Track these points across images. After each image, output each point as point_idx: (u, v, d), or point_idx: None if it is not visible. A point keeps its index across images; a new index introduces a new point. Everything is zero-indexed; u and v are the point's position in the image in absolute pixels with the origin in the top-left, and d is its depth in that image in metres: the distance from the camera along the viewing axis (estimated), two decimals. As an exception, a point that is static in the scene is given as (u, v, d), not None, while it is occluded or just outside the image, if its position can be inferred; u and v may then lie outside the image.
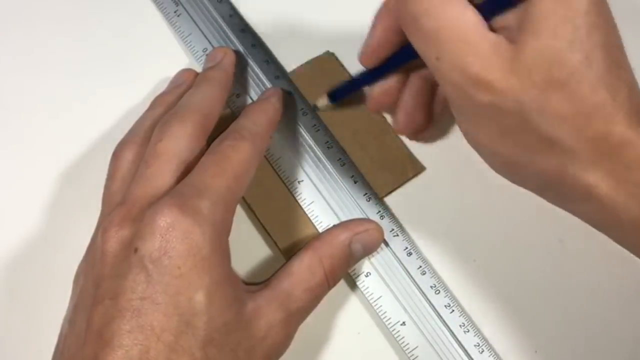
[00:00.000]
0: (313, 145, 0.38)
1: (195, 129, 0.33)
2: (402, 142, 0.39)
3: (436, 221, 0.38)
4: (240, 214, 0.38)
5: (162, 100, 0.38)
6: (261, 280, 0.34)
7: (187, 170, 0.33)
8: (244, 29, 0.41)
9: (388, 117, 0.40)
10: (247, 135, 0.34)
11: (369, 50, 0.35)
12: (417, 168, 0.39)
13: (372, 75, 0.36)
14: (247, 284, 0.34)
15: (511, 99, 0.28)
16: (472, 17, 0.29)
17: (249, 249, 0.38)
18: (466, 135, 0.32)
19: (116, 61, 0.42)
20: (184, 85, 0.39)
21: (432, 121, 0.37)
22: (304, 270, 0.34)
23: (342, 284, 0.36)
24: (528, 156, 0.29)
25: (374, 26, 0.34)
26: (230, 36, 0.41)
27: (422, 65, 0.31)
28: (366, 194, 0.37)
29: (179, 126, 0.33)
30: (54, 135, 0.40)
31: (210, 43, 0.41)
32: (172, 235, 0.29)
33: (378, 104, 0.37)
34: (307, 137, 0.39)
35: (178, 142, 0.33)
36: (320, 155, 0.38)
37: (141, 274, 0.29)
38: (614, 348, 0.36)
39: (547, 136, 0.28)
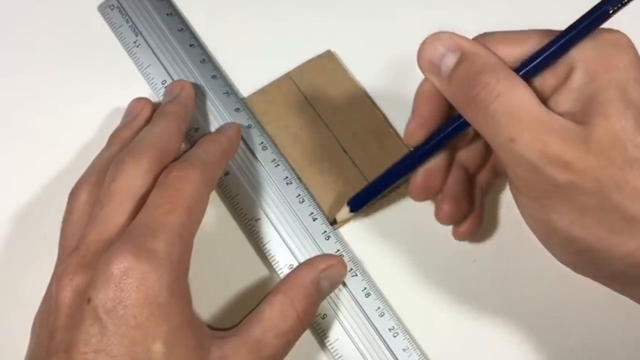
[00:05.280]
0: (272, 181, 0.38)
1: (151, 166, 0.32)
2: (402, 142, 0.39)
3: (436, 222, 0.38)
4: (235, 230, 0.38)
5: (118, 137, 0.37)
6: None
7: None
8: (204, 60, 0.40)
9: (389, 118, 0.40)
10: (197, 163, 0.33)
11: (414, 128, 0.33)
12: None
13: (392, 175, 0.35)
14: (214, 329, 0.33)
15: (590, 178, 0.28)
16: (537, 101, 0.29)
17: (243, 267, 0.37)
18: (536, 223, 0.31)
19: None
20: (139, 118, 0.38)
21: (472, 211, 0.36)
22: (275, 314, 0.32)
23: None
24: (608, 238, 0.28)
25: (417, 105, 0.33)
26: (191, 67, 0.40)
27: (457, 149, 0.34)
28: (325, 232, 0.37)
29: (134, 164, 0.32)
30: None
31: (169, 75, 0.40)
32: (127, 283, 0.28)
33: (423, 190, 0.35)
34: (266, 173, 0.38)
35: (132, 181, 0.32)
36: (279, 192, 0.37)
37: (95, 325, 0.28)
38: (614, 348, 0.36)
39: (629, 214, 0.28)
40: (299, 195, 0.37)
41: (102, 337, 0.28)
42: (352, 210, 0.36)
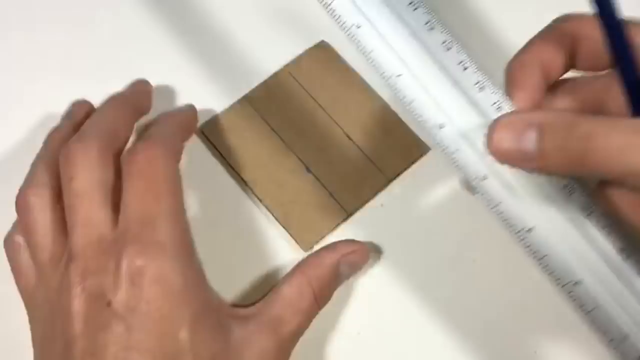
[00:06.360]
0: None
1: (101, 153, 0.32)
2: (405, 125, 0.40)
3: (441, 206, 0.39)
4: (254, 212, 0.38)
5: (54, 136, 0.36)
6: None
7: (114, 196, 0.32)
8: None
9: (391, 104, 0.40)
10: (158, 139, 0.33)
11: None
12: (421, 149, 0.39)
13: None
14: (236, 306, 0.34)
15: None
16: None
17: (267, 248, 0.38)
18: None
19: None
20: (77, 117, 0.37)
21: None
22: (293, 293, 0.33)
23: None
24: None
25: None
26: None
27: None
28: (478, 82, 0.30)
29: (84, 155, 0.32)
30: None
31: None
32: (144, 281, 0.29)
33: None
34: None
35: (92, 174, 0.32)
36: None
37: (120, 325, 0.29)
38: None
39: None
40: (461, 62, 0.31)
41: (130, 334, 0.29)
42: None
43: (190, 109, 0.39)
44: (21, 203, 0.33)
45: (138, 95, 0.38)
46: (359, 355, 0.36)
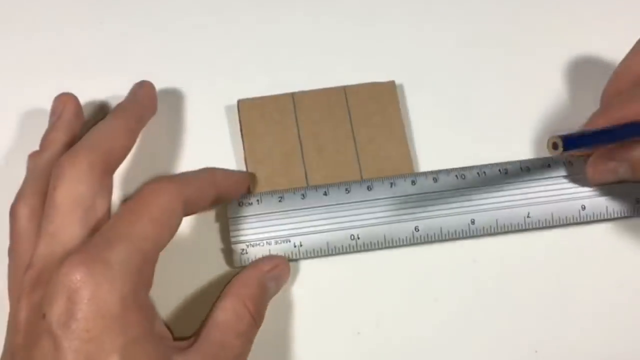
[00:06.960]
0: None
1: (91, 167, 0.31)
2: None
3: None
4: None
5: (47, 140, 0.35)
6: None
7: (96, 216, 0.31)
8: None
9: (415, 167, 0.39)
10: (176, 179, 0.32)
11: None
12: None
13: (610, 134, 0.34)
14: (177, 339, 0.33)
15: None
16: None
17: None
18: None
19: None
20: (63, 116, 0.36)
21: None
22: (230, 317, 0.32)
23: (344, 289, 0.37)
24: None
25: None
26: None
27: None
28: None
29: (72, 168, 0.31)
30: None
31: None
32: (79, 296, 0.27)
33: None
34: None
35: (75, 187, 0.31)
36: None
37: (49, 341, 0.27)
38: (614, 349, 0.36)
39: None
40: None
41: (57, 353, 0.27)
42: (565, 149, 0.32)
43: (242, 177, 0.38)
44: (11, 211, 0.33)
45: (142, 102, 0.38)
46: (359, 355, 0.36)
